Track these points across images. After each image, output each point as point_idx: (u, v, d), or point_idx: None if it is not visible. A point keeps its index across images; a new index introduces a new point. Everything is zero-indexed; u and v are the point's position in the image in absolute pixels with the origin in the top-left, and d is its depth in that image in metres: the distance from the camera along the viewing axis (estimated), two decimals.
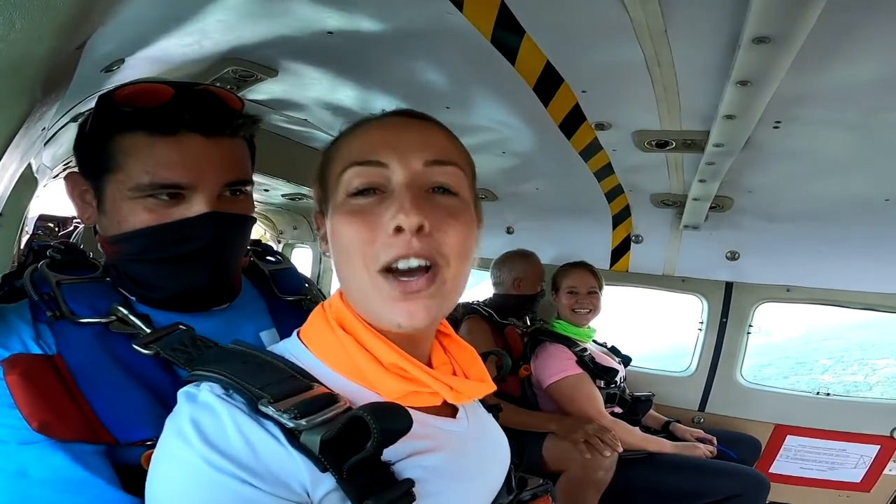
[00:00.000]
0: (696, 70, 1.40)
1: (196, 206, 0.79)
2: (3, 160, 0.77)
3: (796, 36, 1.08)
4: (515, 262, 2.74)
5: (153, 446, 0.62)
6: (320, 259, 4.02)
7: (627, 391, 2.53)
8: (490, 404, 0.90)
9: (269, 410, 0.56)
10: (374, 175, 0.66)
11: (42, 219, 4.23)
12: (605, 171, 2.30)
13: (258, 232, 4.33)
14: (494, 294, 2.80)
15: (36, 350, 0.72)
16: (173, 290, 0.83)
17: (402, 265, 0.63)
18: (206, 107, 0.80)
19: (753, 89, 1.31)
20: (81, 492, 0.65)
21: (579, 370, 2.32)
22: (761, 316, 2.78)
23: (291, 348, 0.71)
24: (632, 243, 2.90)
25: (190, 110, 0.78)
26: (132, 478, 0.68)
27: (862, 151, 1.77)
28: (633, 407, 2.48)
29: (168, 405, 0.62)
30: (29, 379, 0.67)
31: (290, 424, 0.56)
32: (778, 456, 2.72)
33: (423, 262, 0.63)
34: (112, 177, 0.79)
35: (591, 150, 2.07)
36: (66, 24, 0.60)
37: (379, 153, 0.66)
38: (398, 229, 0.62)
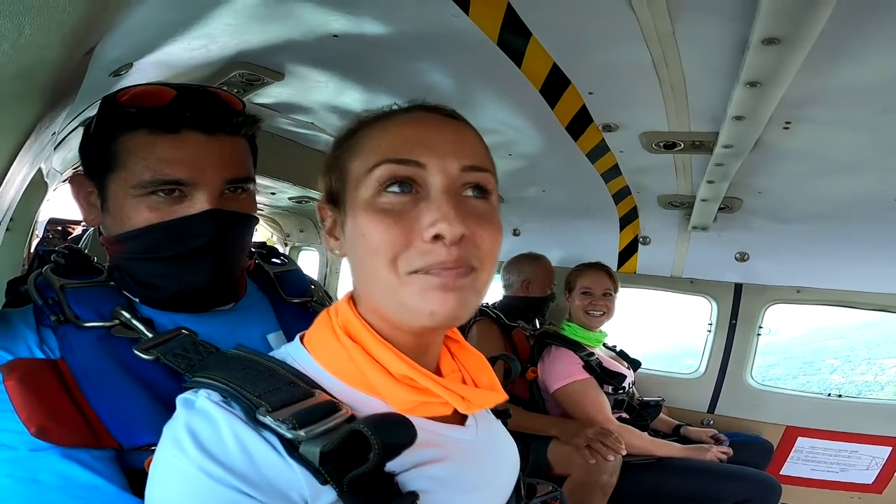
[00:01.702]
0: (705, 71, 1.39)
1: (198, 204, 0.80)
2: (13, 166, 0.77)
3: (806, 37, 1.07)
4: (524, 265, 2.73)
5: None
6: (327, 261, 4.02)
7: (636, 396, 2.51)
8: (499, 409, 0.87)
9: (267, 420, 0.55)
10: (410, 174, 0.62)
11: (52, 222, 4.26)
12: (612, 173, 2.29)
13: (265, 234, 4.34)
14: (504, 296, 2.78)
15: (39, 355, 0.72)
16: (176, 289, 0.83)
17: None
18: (207, 106, 0.81)
19: (763, 90, 1.30)
20: (94, 497, 0.65)
21: (586, 375, 2.29)
22: (771, 317, 2.76)
23: (294, 353, 0.69)
24: (639, 245, 2.89)
25: (191, 109, 0.79)
26: (136, 482, 0.67)
27: (872, 152, 1.75)
28: (642, 412, 2.46)
29: (173, 409, 0.61)
30: (27, 384, 0.67)
31: (289, 435, 0.54)
32: (789, 458, 2.69)
33: (459, 271, 0.61)
34: (115, 175, 0.80)
35: (598, 152, 2.06)
36: (75, 30, 0.60)
37: (416, 153, 0.62)
38: (437, 237, 0.59)
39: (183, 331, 0.79)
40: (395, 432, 0.54)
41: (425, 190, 0.62)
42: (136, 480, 0.68)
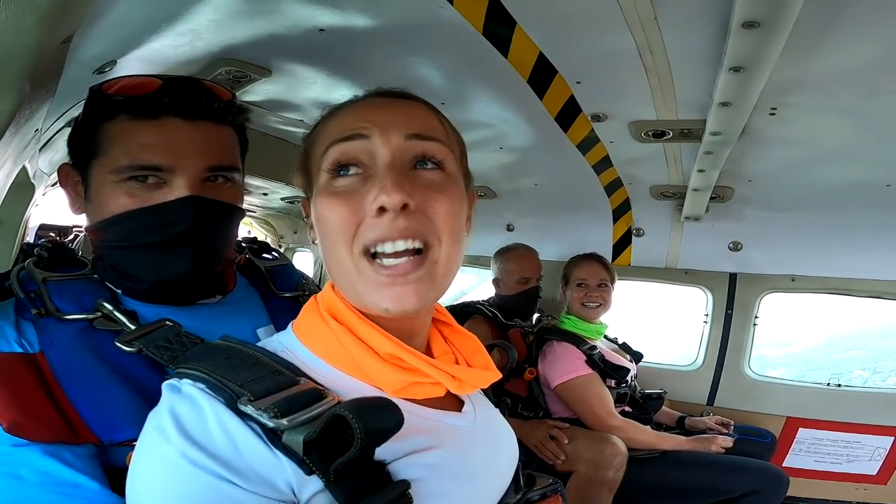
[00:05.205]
0: (689, 57, 1.39)
1: (177, 190, 0.79)
2: None
3: (785, 19, 1.08)
4: (493, 262, 2.69)
5: None
6: (322, 261, 3.99)
7: (638, 389, 2.49)
8: (497, 400, 0.87)
9: (249, 409, 0.53)
10: (356, 150, 0.63)
11: (43, 228, 4.25)
12: (603, 164, 2.29)
13: (259, 237, 4.32)
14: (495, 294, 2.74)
15: (17, 349, 0.70)
16: (154, 279, 0.82)
17: (388, 248, 0.60)
18: (188, 92, 0.81)
19: (747, 75, 1.31)
20: (75, 495, 0.64)
21: (589, 370, 2.27)
22: (766, 307, 2.75)
23: (286, 342, 0.69)
24: (633, 237, 2.88)
25: (172, 95, 0.79)
26: (118, 479, 0.66)
27: (859, 137, 1.75)
28: (645, 405, 2.43)
29: (155, 404, 0.60)
30: (0, 378, 0.66)
31: (271, 424, 0.52)
32: (791, 449, 2.67)
33: (410, 245, 0.61)
34: (96, 162, 0.80)
35: (588, 143, 2.06)
36: (50, 14, 0.59)
37: (359, 127, 0.64)
38: (381, 210, 0.60)
39: (167, 322, 0.78)
40: (379, 416, 0.53)
41: (372, 168, 0.63)
42: (116, 478, 0.67)
